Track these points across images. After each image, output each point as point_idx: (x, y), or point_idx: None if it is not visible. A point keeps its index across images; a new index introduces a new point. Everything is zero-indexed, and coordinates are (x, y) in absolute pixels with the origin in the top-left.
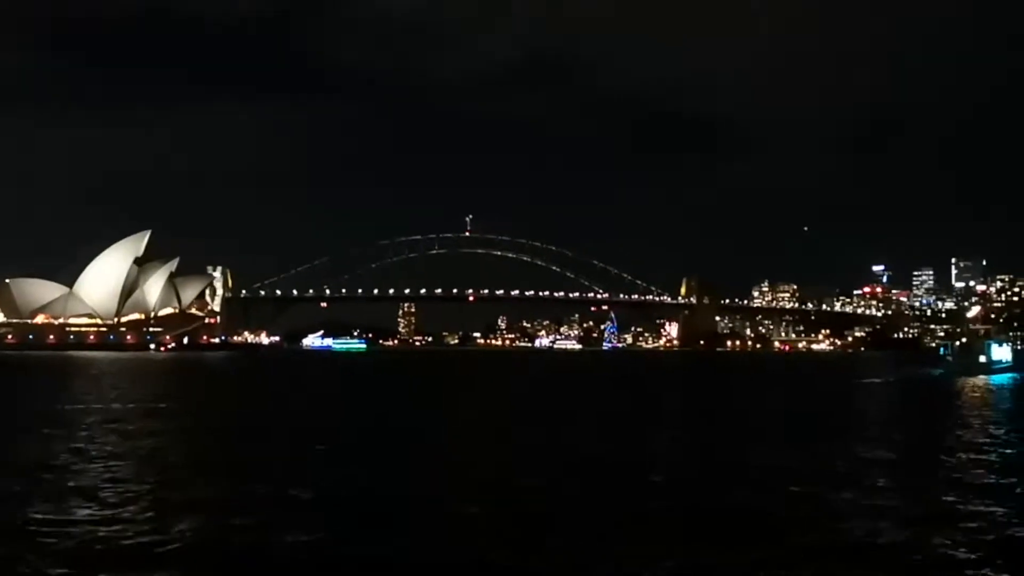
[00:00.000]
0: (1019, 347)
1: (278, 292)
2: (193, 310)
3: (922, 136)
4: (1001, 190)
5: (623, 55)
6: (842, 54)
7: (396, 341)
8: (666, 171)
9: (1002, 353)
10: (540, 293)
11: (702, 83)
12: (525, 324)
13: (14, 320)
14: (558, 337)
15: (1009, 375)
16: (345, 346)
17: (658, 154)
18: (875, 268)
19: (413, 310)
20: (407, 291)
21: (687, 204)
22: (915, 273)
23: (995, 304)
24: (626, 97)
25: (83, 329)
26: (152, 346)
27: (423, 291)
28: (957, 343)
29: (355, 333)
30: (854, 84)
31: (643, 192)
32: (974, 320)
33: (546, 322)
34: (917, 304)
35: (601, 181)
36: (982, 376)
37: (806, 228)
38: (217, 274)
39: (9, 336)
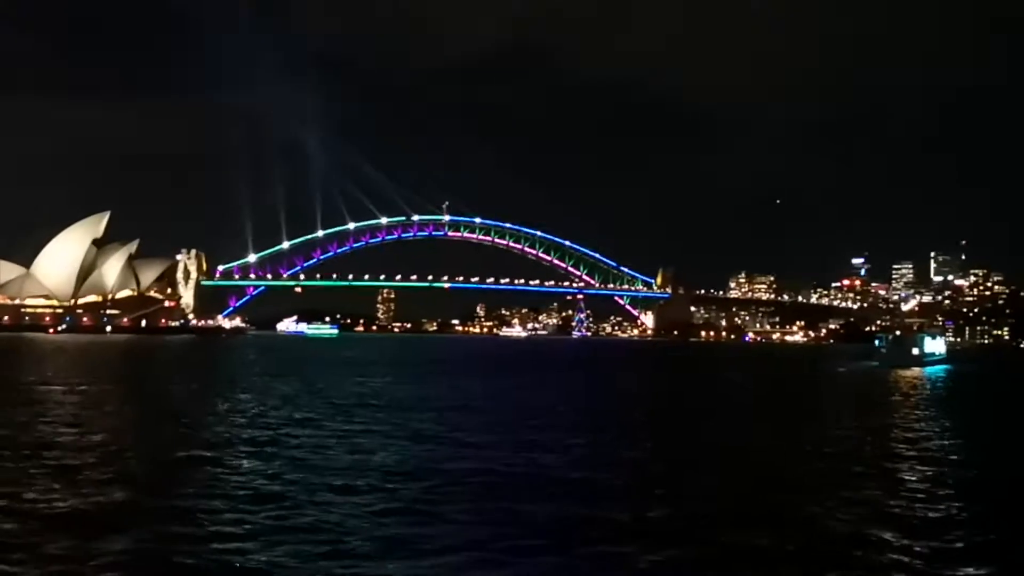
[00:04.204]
0: (987, 340)
1: (252, 276)
2: (152, 293)
3: (906, 128)
4: (984, 182)
5: (604, 44)
6: (822, 45)
7: (375, 327)
8: (646, 160)
9: (935, 346)
10: (515, 281)
11: (684, 72)
12: (504, 312)
13: None
14: (533, 326)
15: (941, 367)
16: (317, 332)
17: (639, 142)
18: (855, 261)
19: (392, 296)
20: (382, 277)
21: (668, 194)
22: (894, 267)
23: (967, 298)
24: (607, 86)
25: (39, 310)
26: (55, 326)
27: (399, 278)
28: (891, 336)
29: (327, 319)
30: (835, 75)
31: (623, 181)
32: (910, 314)
33: (524, 310)
34: (896, 297)
35: (581, 169)
36: (915, 368)
37: (779, 201)
38: (191, 258)
39: None
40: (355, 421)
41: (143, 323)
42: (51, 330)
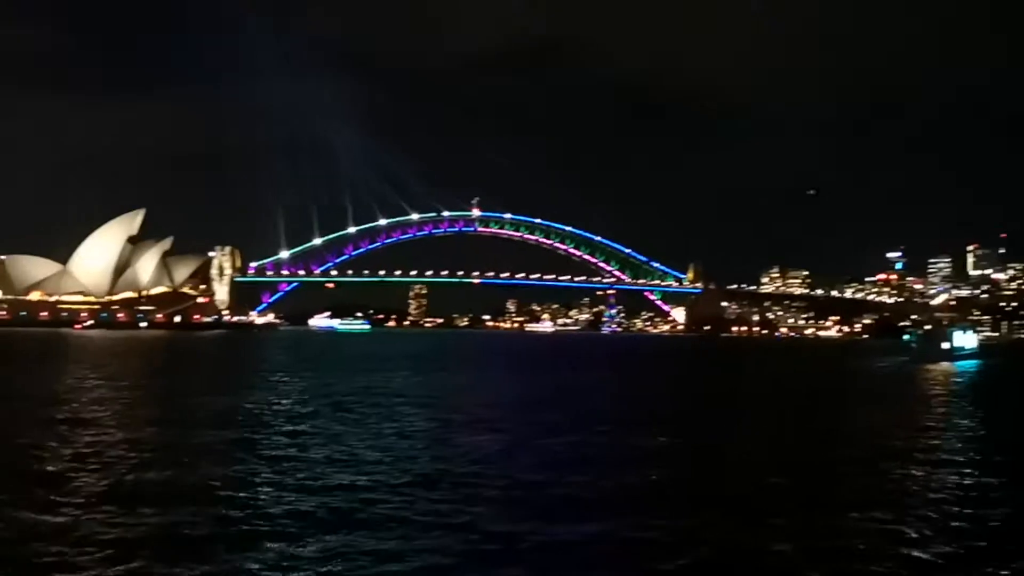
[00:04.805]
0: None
1: (285, 272)
2: (186, 289)
3: (939, 118)
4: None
5: (631, 36)
6: (849, 33)
7: (407, 322)
8: (678, 154)
9: (966, 340)
10: (545, 277)
11: (715, 64)
12: (535, 307)
13: (9, 297)
14: (564, 321)
15: (972, 362)
16: (349, 327)
17: (670, 137)
18: (890, 255)
19: (424, 292)
20: (413, 273)
21: (699, 188)
22: (931, 260)
23: (1005, 292)
24: (638, 78)
25: (76, 306)
26: (81, 322)
27: (429, 273)
28: (921, 330)
29: (358, 315)
30: (868, 62)
31: (653, 175)
32: (941, 308)
33: (555, 305)
34: (933, 292)
35: (612, 163)
36: (945, 363)
37: (811, 191)
38: (225, 255)
39: (2, 312)
40: (349, 417)
41: (176, 319)
42: (76, 325)
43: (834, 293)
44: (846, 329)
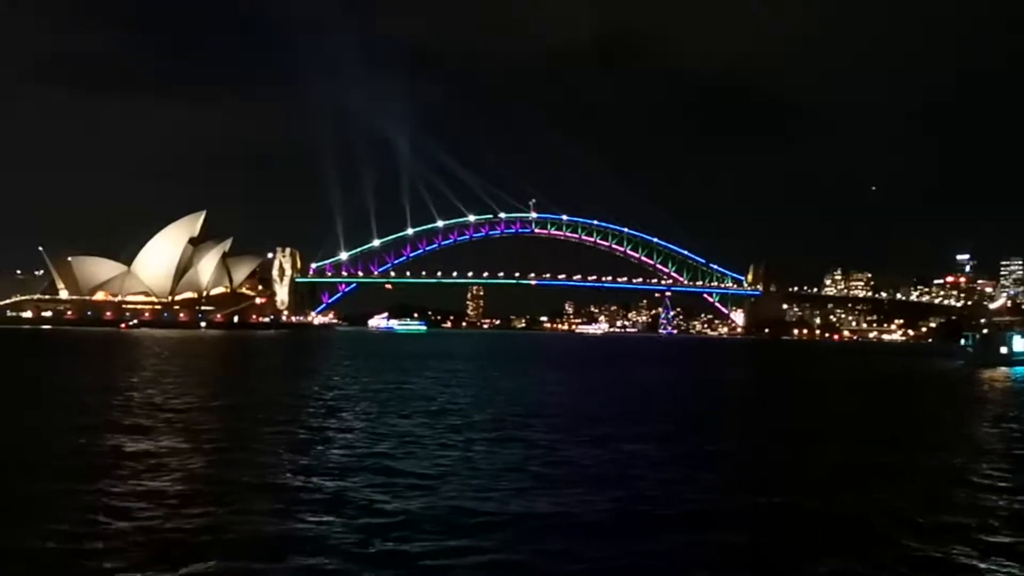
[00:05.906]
0: None
1: (344, 273)
2: (244, 289)
3: (1010, 112)
4: None
5: (691, 36)
6: (917, 28)
7: (464, 324)
8: (738, 154)
9: None
10: (603, 278)
11: (773, 64)
12: (593, 309)
13: (75, 297)
14: (623, 323)
15: None
16: (406, 328)
17: (730, 137)
18: (959, 257)
19: (482, 293)
20: (470, 274)
21: (760, 188)
22: (1003, 263)
23: None
24: (695, 79)
25: (139, 306)
26: (126, 322)
27: (486, 274)
28: (978, 334)
29: (415, 316)
30: (931, 61)
31: (714, 176)
32: (998, 312)
33: (613, 308)
34: (1004, 295)
35: (670, 165)
36: (1002, 368)
37: (874, 188)
38: (286, 256)
39: (68, 312)
40: (359, 418)
41: (235, 319)
42: (123, 325)
43: (899, 296)
44: (911, 332)
